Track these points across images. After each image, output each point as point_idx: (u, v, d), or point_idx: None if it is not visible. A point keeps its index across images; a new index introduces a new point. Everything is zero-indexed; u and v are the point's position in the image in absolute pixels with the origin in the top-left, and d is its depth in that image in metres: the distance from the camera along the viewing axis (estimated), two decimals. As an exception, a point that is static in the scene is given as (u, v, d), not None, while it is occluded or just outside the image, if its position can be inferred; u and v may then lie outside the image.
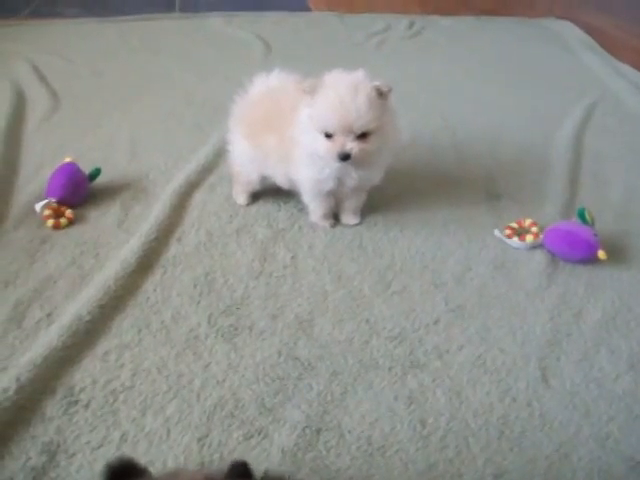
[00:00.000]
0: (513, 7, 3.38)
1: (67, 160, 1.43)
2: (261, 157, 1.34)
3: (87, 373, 1.00)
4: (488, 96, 2.11)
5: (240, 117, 1.37)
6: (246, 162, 1.38)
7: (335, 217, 1.38)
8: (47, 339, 1.03)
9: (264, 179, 1.39)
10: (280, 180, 1.36)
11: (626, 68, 2.42)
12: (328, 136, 1.20)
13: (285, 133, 1.27)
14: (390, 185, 1.50)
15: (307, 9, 3.09)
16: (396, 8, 3.15)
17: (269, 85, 1.36)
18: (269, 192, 1.43)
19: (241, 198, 1.43)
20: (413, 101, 2.01)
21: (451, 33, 2.81)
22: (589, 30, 2.92)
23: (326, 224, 1.37)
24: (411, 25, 2.84)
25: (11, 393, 0.93)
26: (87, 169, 1.44)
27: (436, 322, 1.13)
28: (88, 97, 1.95)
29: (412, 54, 2.50)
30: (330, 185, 1.30)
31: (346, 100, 1.18)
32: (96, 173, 1.45)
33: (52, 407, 0.94)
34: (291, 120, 1.26)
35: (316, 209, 1.36)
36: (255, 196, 1.43)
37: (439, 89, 2.15)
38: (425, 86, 2.16)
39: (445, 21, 2.98)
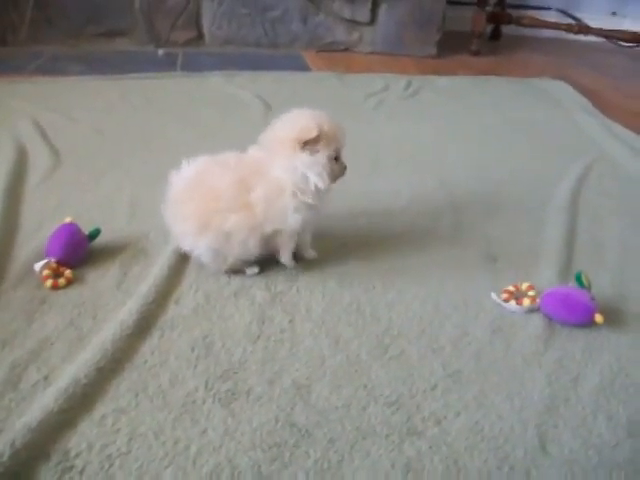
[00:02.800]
0: (508, 68, 3.45)
1: (67, 220, 1.44)
2: (226, 243, 1.33)
3: (83, 437, 0.99)
4: (484, 157, 2.14)
5: (184, 214, 1.35)
6: (214, 257, 1.36)
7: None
8: (43, 402, 1.02)
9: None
10: (254, 250, 1.36)
11: (620, 129, 2.45)
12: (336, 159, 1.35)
13: (257, 197, 1.31)
14: (387, 247, 1.52)
15: (307, 69, 3.14)
16: (394, 68, 3.21)
17: (189, 176, 1.39)
18: (265, 254, 1.43)
19: (247, 272, 1.41)
20: (410, 162, 2.04)
21: (448, 93, 2.86)
22: (582, 90, 2.98)
23: (293, 263, 1.42)
24: (408, 85, 2.90)
25: (5, 459, 0.92)
26: (86, 228, 1.44)
27: (433, 388, 1.12)
28: (89, 155, 1.97)
29: (410, 114, 2.54)
30: (316, 217, 1.39)
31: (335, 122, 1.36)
32: (96, 233, 1.45)
33: (46, 473, 0.93)
34: (262, 180, 1.32)
35: (289, 250, 1.40)
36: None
37: (436, 149, 2.18)
38: (422, 146, 2.19)
39: (442, 81, 3.05)
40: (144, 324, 1.22)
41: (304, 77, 2.98)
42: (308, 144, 1.30)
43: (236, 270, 1.39)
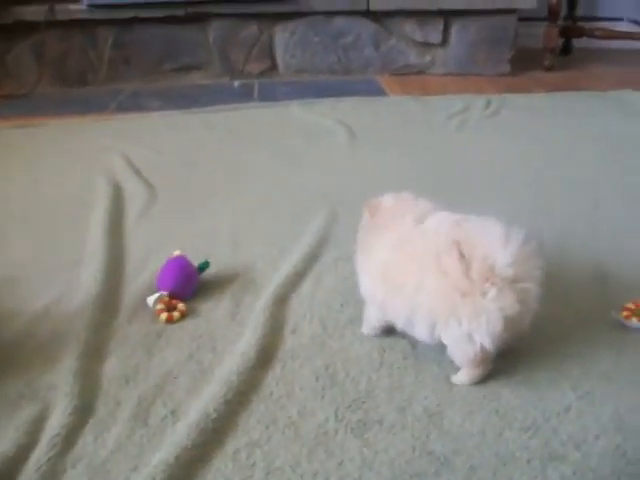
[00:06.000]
0: (584, 82, 3.39)
1: (176, 253, 1.45)
2: None
3: (219, 473, 0.98)
4: (578, 174, 2.09)
5: None
6: None
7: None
8: (176, 438, 1.02)
9: None
10: None
11: None
12: None
13: None
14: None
15: (383, 93, 3.14)
16: (469, 89, 3.18)
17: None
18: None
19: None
20: (502, 183, 2.00)
21: (529, 111, 2.81)
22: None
23: None
24: (488, 104, 2.86)
25: (147, 495, 0.92)
26: (195, 261, 1.46)
27: (567, 410, 1.09)
28: (183, 188, 2.00)
29: (494, 134, 2.50)
30: None
31: None
32: (205, 265, 1.46)
33: (189, 509, 0.93)
34: None
35: None
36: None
37: (526, 169, 2.14)
38: (512, 166, 2.15)
39: (520, 99, 3.00)
40: (265, 355, 1.22)
41: (383, 102, 2.98)
42: None
43: None
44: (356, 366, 1.19)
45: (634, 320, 1.31)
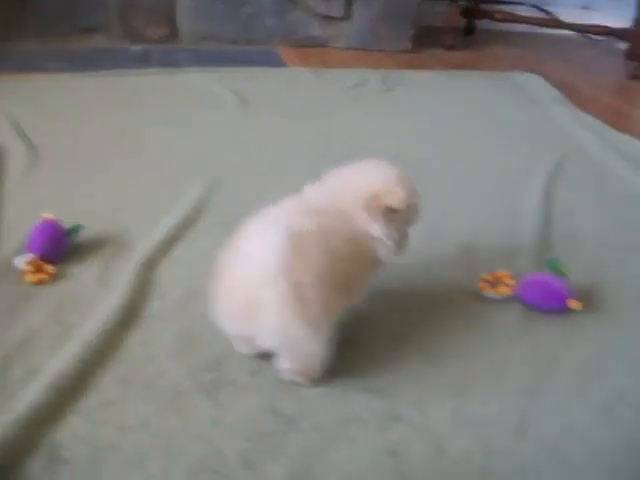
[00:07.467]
0: (483, 62, 3.48)
1: (47, 216, 1.44)
2: None
3: (71, 430, 0.99)
4: (457, 150, 2.18)
5: None
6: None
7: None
8: (30, 397, 1.03)
9: None
10: None
11: (593, 121, 2.49)
12: None
13: None
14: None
15: (283, 65, 3.15)
16: (370, 63, 3.22)
17: None
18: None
19: None
20: (388, 157, 2.04)
21: (424, 87, 2.89)
22: (555, 83, 3.01)
23: None
24: (385, 79, 2.91)
25: (-7, 452, 0.93)
26: (68, 224, 1.45)
27: (413, 374, 1.14)
28: (68, 152, 1.97)
29: (388, 108, 2.56)
30: None
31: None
32: (76, 229, 1.45)
33: (36, 466, 0.93)
34: None
35: None
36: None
37: (411, 144, 2.20)
38: (399, 142, 2.21)
39: (418, 75, 3.06)
40: (128, 317, 1.23)
41: (280, 73, 2.99)
42: (390, 213, 1.15)
43: None
44: (217, 330, 1.20)
45: (489, 291, 1.37)
